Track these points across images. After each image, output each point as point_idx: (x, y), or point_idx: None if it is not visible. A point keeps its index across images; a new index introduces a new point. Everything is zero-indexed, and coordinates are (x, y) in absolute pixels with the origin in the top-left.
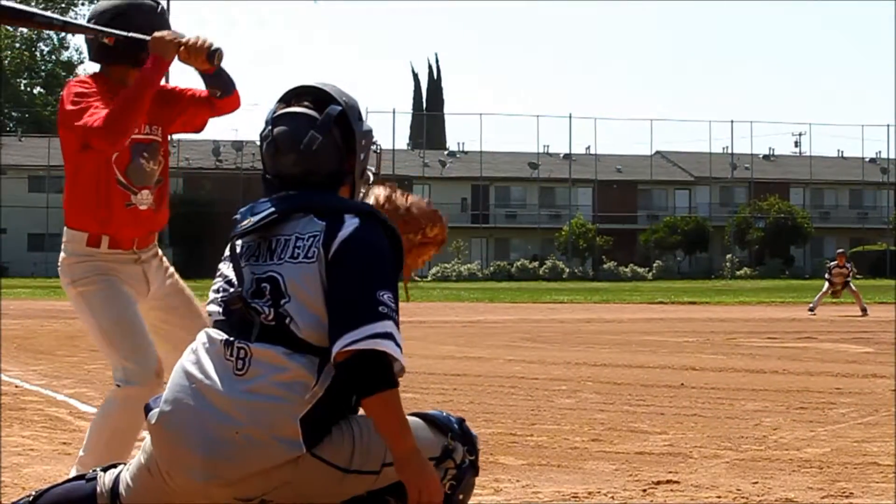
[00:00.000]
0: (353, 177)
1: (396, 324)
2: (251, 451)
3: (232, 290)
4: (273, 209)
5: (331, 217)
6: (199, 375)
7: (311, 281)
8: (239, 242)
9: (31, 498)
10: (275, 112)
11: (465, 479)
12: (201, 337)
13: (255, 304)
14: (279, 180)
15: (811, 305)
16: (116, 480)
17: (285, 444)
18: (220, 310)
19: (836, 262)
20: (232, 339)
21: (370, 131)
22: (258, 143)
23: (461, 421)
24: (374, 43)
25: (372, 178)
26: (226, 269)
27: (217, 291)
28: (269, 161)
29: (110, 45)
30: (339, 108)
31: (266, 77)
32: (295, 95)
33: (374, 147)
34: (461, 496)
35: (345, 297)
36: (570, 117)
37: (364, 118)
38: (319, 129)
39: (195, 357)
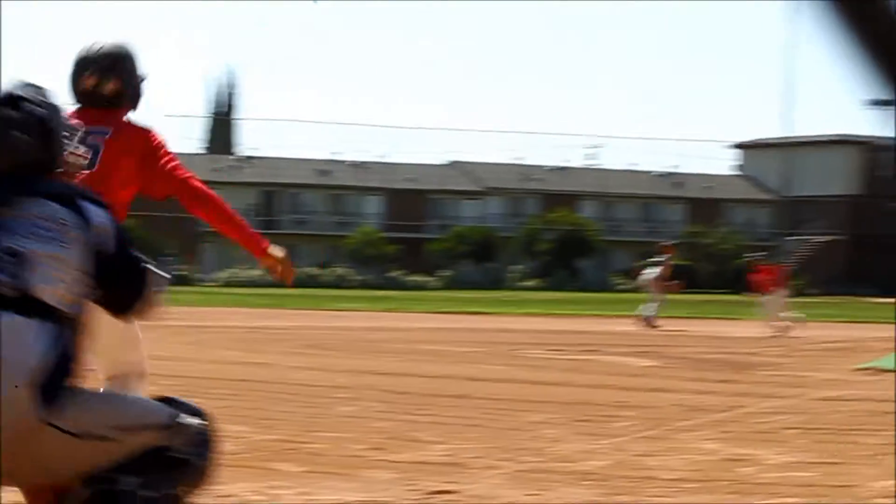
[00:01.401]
0: (59, 164)
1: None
2: None
3: None
4: None
5: (69, 204)
6: None
7: (61, 257)
8: None
9: None
10: None
11: (206, 444)
12: None
13: None
14: None
15: (647, 316)
16: None
17: (18, 409)
18: None
19: (666, 255)
20: None
21: (65, 121)
22: None
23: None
24: (169, 46)
25: (85, 164)
26: None
27: None
28: None
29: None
30: (34, 104)
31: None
32: None
33: (76, 135)
34: (203, 462)
35: (124, 273)
36: (363, 125)
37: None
38: (16, 126)
39: None
